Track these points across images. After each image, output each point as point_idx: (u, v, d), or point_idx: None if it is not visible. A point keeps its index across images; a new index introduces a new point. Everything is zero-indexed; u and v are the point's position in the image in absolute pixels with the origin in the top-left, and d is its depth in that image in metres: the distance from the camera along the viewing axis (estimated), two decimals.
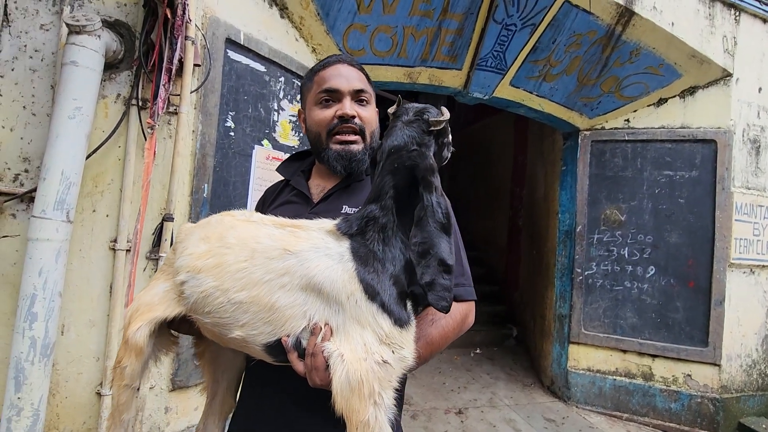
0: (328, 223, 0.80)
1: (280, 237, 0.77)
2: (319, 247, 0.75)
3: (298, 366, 0.74)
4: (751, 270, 3.35)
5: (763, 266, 3.39)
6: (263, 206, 1.14)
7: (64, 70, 1.64)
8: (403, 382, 0.90)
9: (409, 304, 0.78)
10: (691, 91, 3.42)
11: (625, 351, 3.48)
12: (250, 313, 0.74)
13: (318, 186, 1.05)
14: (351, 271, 0.73)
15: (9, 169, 1.74)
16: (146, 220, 1.89)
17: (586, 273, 3.62)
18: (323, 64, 1.02)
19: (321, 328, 0.72)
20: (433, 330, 0.87)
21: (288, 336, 0.74)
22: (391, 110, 0.89)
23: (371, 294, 0.72)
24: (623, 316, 3.51)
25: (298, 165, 1.13)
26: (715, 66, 3.26)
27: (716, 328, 3.24)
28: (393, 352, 0.71)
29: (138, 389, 0.88)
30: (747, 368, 3.34)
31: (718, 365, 3.24)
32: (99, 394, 1.81)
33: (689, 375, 3.31)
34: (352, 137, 0.98)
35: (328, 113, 0.98)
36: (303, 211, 0.99)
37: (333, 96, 0.98)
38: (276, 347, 0.75)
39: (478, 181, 6.65)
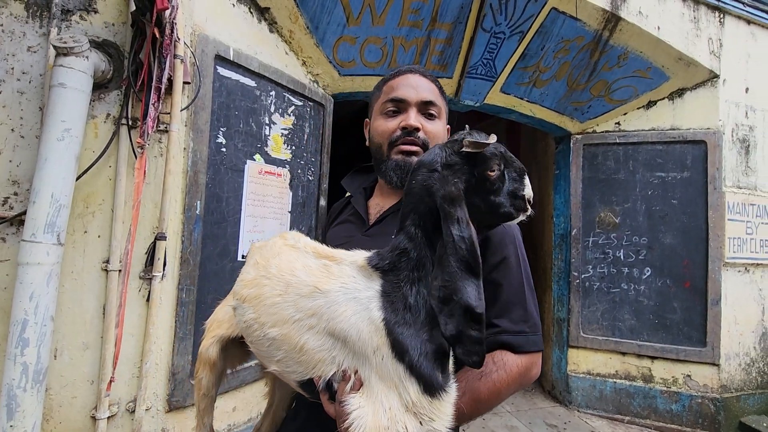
0: (361, 258, 0.72)
1: (314, 271, 0.72)
2: (348, 288, 0.67)
3: (329, 408, 0.70)
4: (746, 268, 3.37)
5: (758, 264, 3.41)
6: (327, 223, 1.13)
7: (52, 92, 1.63)
8: None
9: (451, 363, 0.67)
10: (680, 93, 3.45)
11: (624, 353, 3.48)
12: (282, 350, 0.71)
13: (377, 206, 1.01)
14: (378, 322, 0.63)
15: None
16: (139, 240, 1.87)
17: (582, 276, 3.63)
18: (394, 74, 0.98)
19: (351, 377, 0.65)
20: (481, 385, 0.76)
21: (319, 378, 0.69)
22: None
23: (399, 352, 0.62)
24: (621, 318, 3.52)
25: (362, 180, 1.09)
26: (701, 68, 3.30)
27: (714, 327, 3.25)
28: (421, 423, 0.61)
29: (215, 397, 0.95)
30: (746, 367, 3.34)
31: (717, 365, 3.24)
32: (94, 418, 1.78)
33: (689, 375, 3.31)
34: (414, 148, 0.92)
35: (392, 124, 0.94)
36: (357, 232, 0.96)
37: (399, 106, 0.94)
38: (309, 385, 0.71)
39: None
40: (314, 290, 0.68)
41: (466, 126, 0.89)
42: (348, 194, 1.10)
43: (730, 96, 3.41)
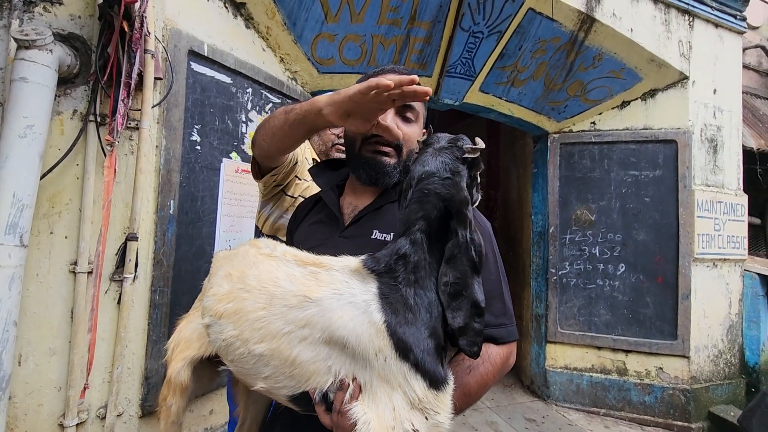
0: (353, 261, 0.71)
1: (301, 279, 0.69)
2: (342, 294, 0.66)
3: (325, 419, 0.68)
4: (714, 264, 3.49)
5: (725, 259, 3.53)
6: (294, 222, 1.11)
7: (13, 87, 1.56)
8: None
9: (447, 359, 0.70)
10: (652, 93, 3.55)
11: (600, 348, 3.56)
12: (271, 366, 0.68)
13: (350, 205, 1.00)
14: (379, 324, 0.63)
15: None
16: (110, 240, 1.81)
17: (560, 273, 3.70)
18: (377, 72, 0.99)
19: (349, 385, 0.65)
20: (470, 379, 0.79)
21: (314, 390, 0.67)
22: (420, 139, 0.85)
23: (403, 351, 0.62)
24: (597, 313, 3.60)
25: (331, 175, 1.08)
26: (672, 69, 3.39)
27: (684, 321, 3.35)
28: (426, 418, 0.62)
29: (182, 424, 0.90)
30: (714, 358, 3.46)
31: (687, 357, 3.35)
32: (61, 426, 1.71)
33: (661, 368, 3.41)
34: (386, 149, 0.94)
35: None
36: (333, 233, 0.95)
37: None
38: (302, 399, 0.69)
39: None
40: (304, 300, 0.66)
41: (430, 126, 0.93)
42: (318, 191, 1.09)
43: (699, 97, 3.52)
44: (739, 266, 3.63)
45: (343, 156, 1.36)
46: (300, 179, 1.48)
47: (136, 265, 1.85)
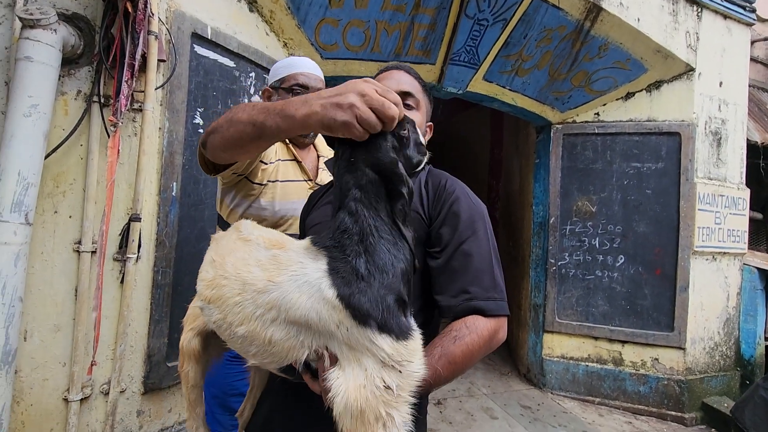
0: (305, 241, 0.74)
1: (266, 264, 0.73)
2: (297, 275, 0.69)
3: (314, 387, 0.72)
4: (713, 257, 3.50)
5: (724, 253, 3.54)
6: (307, 208, 1.19)
7: (18, 66, 1.57)
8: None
9: (409, 310, 0.72)
10: (657, 85, 3.52)
11: (596, 338, 3.60)
12: (254, 345, 0.72)
13: None
14: (333, 300, 0.66)
15: None
16: (113, 221, 1.83)
17: (559, 263, 3.72)
18: (381, 71, 1.09)
19: (324, 354, 0.69)
20: (455, 348, 0.81)
21: (296, 362, 0.71)
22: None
23: (362, 318, 0.65)
24: (595, 304, 3.62)
25: None
26: (678, 61, 3.36)
27: (681, 313, 3.38)
28: (400, 371, 0.65)
29: (201, 387, 0.99)
30: (710, 350, 3.49)
31: (683, 349, 3.38)
32: (66, 400, 1.76)
33: (656, 359, 3.45)
34: None
35: None
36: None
37: None
38: (290, 370, 0.74)
39: (456, 175, 6.63)
40: (268, 284, 0.70)
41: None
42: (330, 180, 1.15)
43: (705, 89, 3.50)
44: (739, 260, 3.64)
45: None
46: (265, 163, 1.41)
47: (139, 246, 1.88)
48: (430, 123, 1.14)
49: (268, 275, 0.70)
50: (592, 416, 3.33)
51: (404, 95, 1.01)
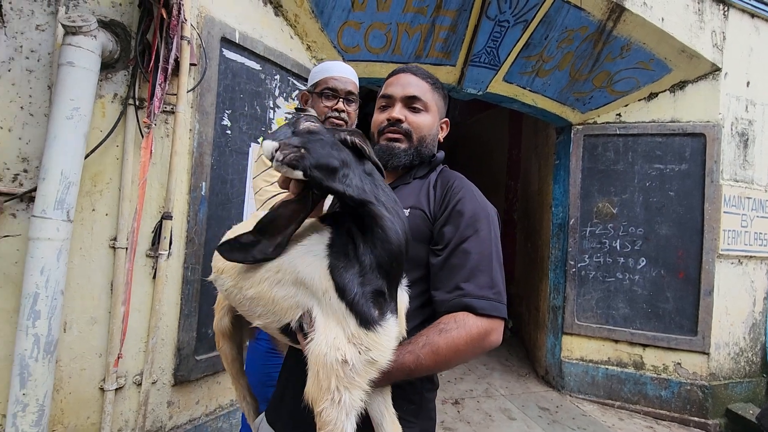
0: (315, 219, 0.84)
1: None
2: (304, 245, 0.78)
3: (303, 346, 0.78)
4: (739, 260, 3.43)
5: (751, 257, 3.46)
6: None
7: (61, 71, 1.66)
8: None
9: (389, 302, 0.76)
10: (681, 85, 3.47)
11: (617, 341, 3.56)
12: (260, 306, 0.81)
13: None
14: (324, 268, 0.73)
15: (8, 169, 1.75)
16: (146, 219, 1.91)
17: (579, 265, 3.69)
18: (390, 74, 1.12)
19: (310, 317, 0.75)
20: (439, 339, 0.83)
21: (292, 321, 0.78)
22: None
23: (340, 291, 0.71)
24: (615, 306, 3.59)
25: None
26: (704, 61, 3.31)
27: (705, 317, 3.32)
28: (360, 353, 0.69)
29: (243, 362, 1.10)
30: (735, 356, 3.42)
31: (707, 353, 3.32)
32: (102, 390, 1.84)
33: (679, 363, 3.39)
34: (396, 135, 1.05)
35: (381, 116, 1.08)
36: None
37: (388, 102, 1.08)
38: (288, 331, 0.81)
39: (473, 176, 6.61)
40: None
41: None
42: None
43: (731, 89, 3.43)
44: (766, 264, 3.55)
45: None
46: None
47: (170, 243, 1.95)
48: (446, 119, 1.15)
49: None
50: (611, 420, 3.30)
51: (409, 99, 1.05)
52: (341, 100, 1.52)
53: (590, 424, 3.19)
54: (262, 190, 1.44)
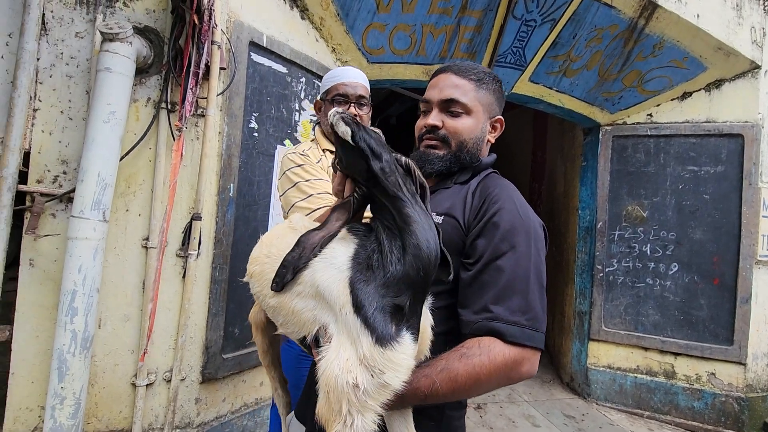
0: (344, 230, 0.80)
1: None
2: (327, 257, 0.75)
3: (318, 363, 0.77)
4: None
5: None
6: None
7: (99, 77, 1.72)
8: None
9: (405, 321, 0.70)
10: (717, 84, 3.34)
11: (646, 349, 3.45)
12: (281, 315, 0.81)
13: None
14: (345, 281, 0.69)
15: (49, 171, 1.83)
16: (176, 219, 1.96)
17: (606, 270, 3.59)
18: (433, 74, 1.07)
19: (326, 332, 0.72)
20: (459, 365, 0.75)
21: (308, 335, 0.77)
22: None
23: (357, 306, 0.67)
24: (645, 313, 3.47)
25: None
26: (742, 58, 3.17)
27: (742, 326, 3.18)
28: (372, 376, 0.64)
29: (277, 354, 1.13)
30: None
31: (744, 364, 3.18)
32: (134, 385, 1.90)
33: (713, 374, 3.26)
34: (433, 142, 1.02)
35: (421, 123, 1.05)
36: None
37: (427, 106, 1.04)
38: (305, 343, 0.79)
39: None
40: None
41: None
42: None
43: None
44: None
45: None
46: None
47: (200, 243, 2.00)
48: (499, 118, 1.06)
49: None
50: (640, 430, 3.19)
51: (446, 103, 0.99)
52: (352, 104, 1.54)
53: None
54: (298, 204, 1.44)
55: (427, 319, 0.78)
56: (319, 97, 1.63)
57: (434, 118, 1.01)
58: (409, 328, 0.70)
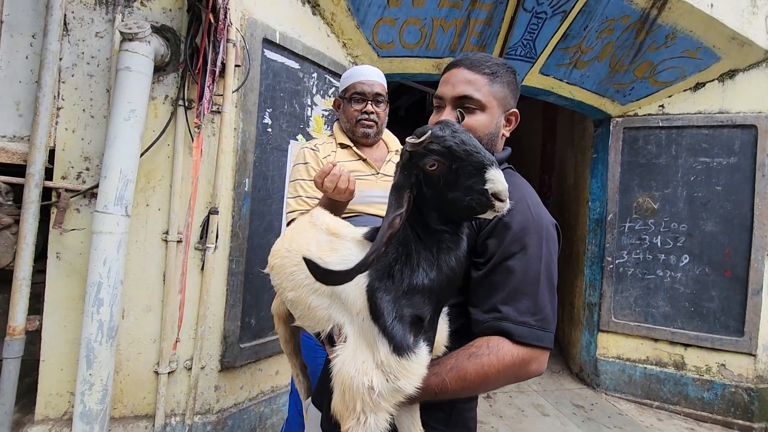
0: (359, 233, 0.82)
1: (323, 245, 0.83)
2: (345, 259, 0.77)
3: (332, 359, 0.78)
4: None
5: None
6: None
7: (119, 76, 1.77)
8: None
9: (423, 333, 0.73)
10: (731, 74, 3.30)
11: (656, 340, 3.46)
12: (299, 309, 0.84)
13: None
14: (363, 287, 0.71)
15: (72, 167, 1.90)
16: (194, 214, 2.02)
17: (617, 261, 3.60)
18: (445, 67, 1.01)
19: (341, 332, 0.74)
20: (468, 364, 0.77)
21: (323, 331, 0.80)
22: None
23: (375, 314, 0.69)
24: (655, 305, 3.48)
25: None
26: (756, 48, 3.13)
27: (752, 317, 3.17)
28: (387, 380, 0.67)
29: (298, 343, 1.18)
30: None
31: (754, 355, 3.18)
32: (156, 373, 1.98)
33: (723, 365, 3.27)
34: None
35: (434, 119, 1.00)
36: None
37: (440, 102, 1.00)
38: (320, 337, 0.83)
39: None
40: (319, 260, 0.77)
41: (458, 112, 0.91)
42: None
43: None
44: None
45: (368, 129, 1.59)
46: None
47: (217, 237, 2.06)
48: (514, 111, 1.01)
49: (321, 254, 0.81)
50: (650, 420, 3.22)
51: (459, 100, 0.95)
52: (370, 102, 1.59)
53: (627, 423, 3.13)
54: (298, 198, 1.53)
55: (443, 325, 0.81)
56: (338, 95, 1.69)
57: (447, 115, 0.96)
58: (425, 339, 0.72)
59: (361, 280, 0.71)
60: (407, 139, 0.72)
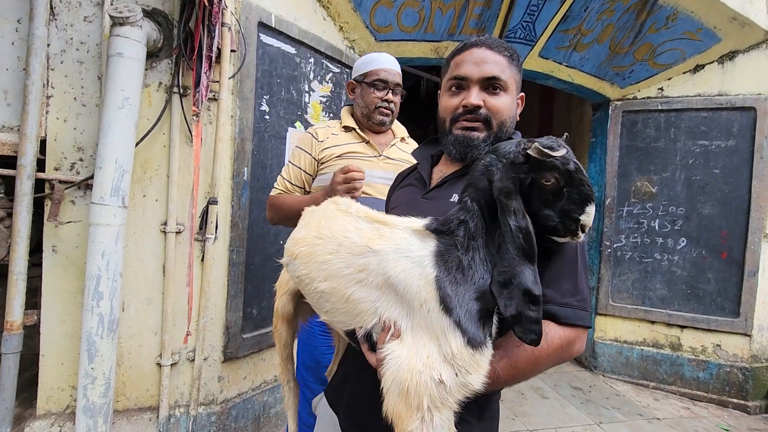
0: (417, 222, 0.77)
1: (367, 233, 0.77)
2: (401, 248, 0.72)
3: (371, 358, 0.75)
4: None
5: None
6: (392, 187, 1.18)
7: (111, 62, 1.71)
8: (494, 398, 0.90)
9: (494, 326, 0.72)
10: (731, 56, 3.27)
11: (653, 322, 3.51)
12: (330, 302, 0.78)
13: (440, 172, 1.03)
14: (430, 278, 0.68)
15: (65, 158, 1.84)
16: (197, 204, 1.98)
17: (614, 245, 3.62)
18: (460, 48, 0.97)
19: (391, 327, 0.70)
20: (520, 352, 0.77)
21: (360, 328, 0.75)
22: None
23: (446, 307, 0.66)
24: (652, 287, 3.52)
25: (432, 149, 1.10)
26: (757, 29, 3.10)
27: (748, 299, 3.22)
28: (456, 374, 0.65)
29: (293, 346, 1.10)
30: None
31: (749, 335, 3.23)
32: (159, 365, 1.96)
33: (719, 345, 3.32)
34: (475, 124, 0.93)
35: (454, 101, 0.95)
36: (418, 194, 1.01)
37: (462, 84, 0.95)
38: (354, 334, 0.78)
39: None
40: (366, 249, 0.74)
41: (566, 134, 0.90)
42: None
43: None
44: None
45: (385, 117, 1.63)
46: (326, 147, 1.62)
47: (216, 227, 2.02)
48: (521, 94, 1.03)
49: (366, 242, 0.74)
50: (646, 400, 3.28)
51: (488, 80, 0.92)
52: (390, 91, 1.61)
53: (624, 404, 3.18)
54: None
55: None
56: (353, 78, 1.68)
57: (476, 97, 0.92)
58: (491, 335, 0.72)
59: (429, 271, 0.68)
60: (536, 145, 0.69)
